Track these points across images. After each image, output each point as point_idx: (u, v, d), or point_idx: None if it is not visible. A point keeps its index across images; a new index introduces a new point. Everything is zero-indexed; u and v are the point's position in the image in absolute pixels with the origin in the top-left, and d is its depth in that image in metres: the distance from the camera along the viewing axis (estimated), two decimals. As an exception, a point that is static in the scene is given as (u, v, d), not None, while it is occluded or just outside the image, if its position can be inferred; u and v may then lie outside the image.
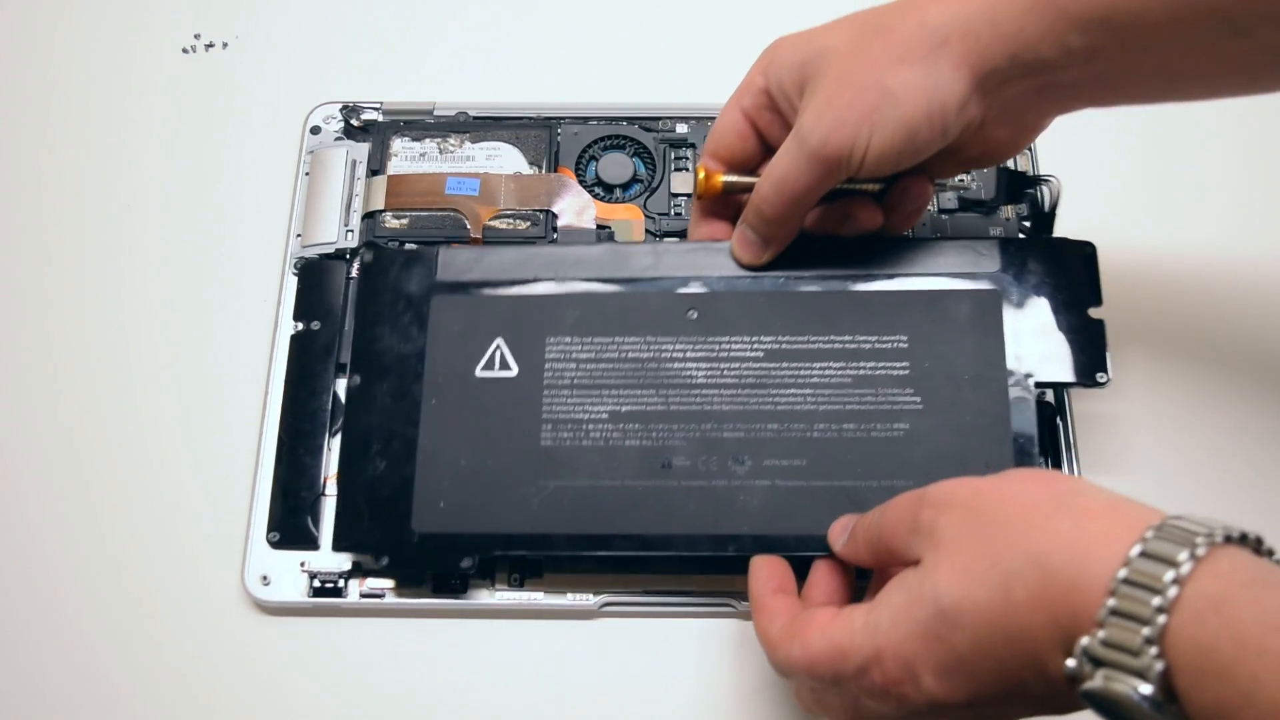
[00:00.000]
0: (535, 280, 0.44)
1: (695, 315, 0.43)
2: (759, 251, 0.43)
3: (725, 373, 0.42)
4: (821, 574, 0.39)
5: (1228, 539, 0.28)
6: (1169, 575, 0.27)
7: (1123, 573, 0.27)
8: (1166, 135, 0.52)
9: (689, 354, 0.43)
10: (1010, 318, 0.43)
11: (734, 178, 0.43)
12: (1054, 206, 0.46)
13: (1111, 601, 0.27)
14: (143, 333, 0.49)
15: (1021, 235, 0.48)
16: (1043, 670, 0.29)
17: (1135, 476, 0.46)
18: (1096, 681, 0.27)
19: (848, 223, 0.43)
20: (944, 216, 0.49)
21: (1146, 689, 0.27)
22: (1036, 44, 0.37)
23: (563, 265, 0.44)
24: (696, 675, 0.43)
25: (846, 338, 0.43)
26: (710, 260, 0.44)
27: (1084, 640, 0.28)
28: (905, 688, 0.31)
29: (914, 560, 0.33)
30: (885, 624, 0.32)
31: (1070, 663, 0.28)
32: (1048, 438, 0.44)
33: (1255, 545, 0.28)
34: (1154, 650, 0.27)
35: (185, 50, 0.56)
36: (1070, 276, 0.43)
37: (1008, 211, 0.49)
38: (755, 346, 0.43)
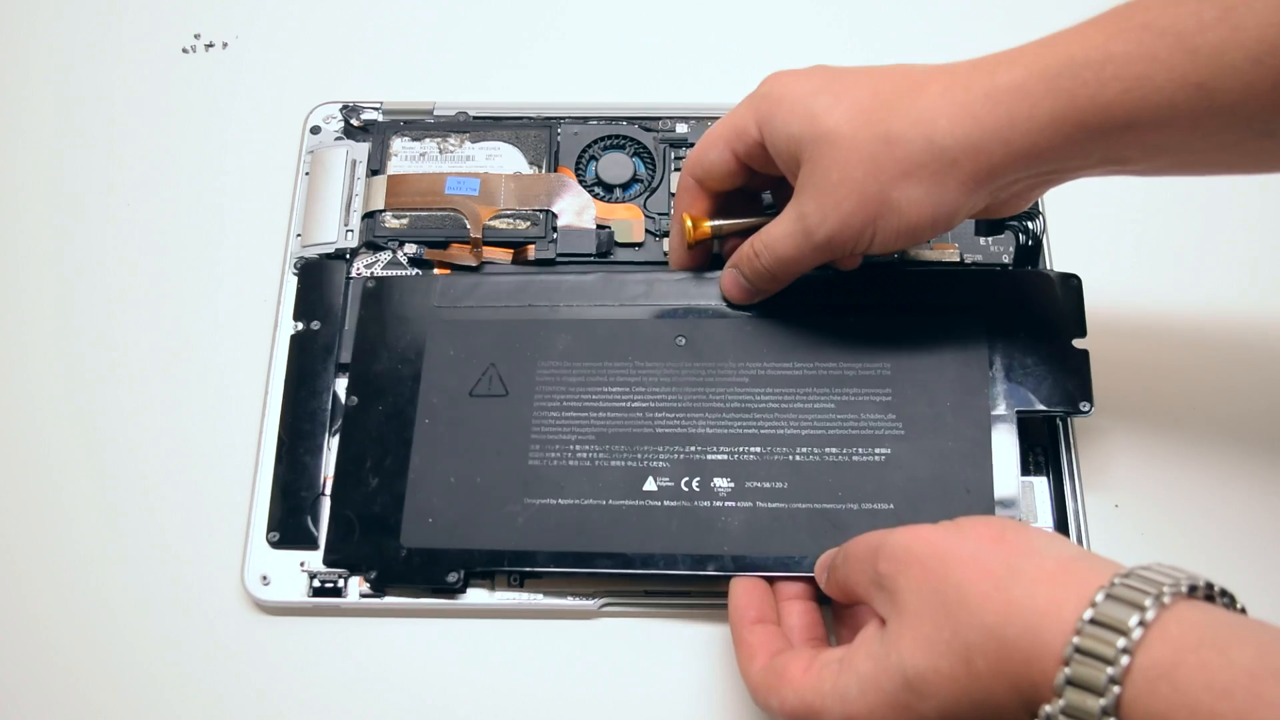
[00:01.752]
0: (529, 307, 0.46)
1: (683, 341, 0.45)
2: (749, 297, 0.44)
3: (710, 397, 0.44)
4: (796, 611, 0.40)
5: (1176, 594, 0.28)
6: (1120, 643, 0.27)
7: (1076, 640, 0.28)
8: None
9: (676, 379, 0.44)
10: (994, 347, 0.43)
11: (720, 222, 0.44)
12: (1038, 239, 0.46)
13: (1067, 671, 0.28)
14: (143, 332, 0.49)
15: (1008, 266, 0.48)
16: None
17: (1132, 500, 0.46)
18: None
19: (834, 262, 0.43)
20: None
21: None
22: (1053, 155, 0.36)
23: (557, 293, 0.46)
24: (696, 675, 0.43)
25: (830, 364, 0.44)
26: (700, 289, 0.46)
27: (1045, 709, 0.28)
28: None
29: (878, 615, 0.33)
30: (854, 693, 0.32)
31: None
32: (1050, 463, 0.44)
33: (1207, 591, 0.29)
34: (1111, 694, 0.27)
35: (185, 50, 0.56)
36: (1055, 307, 0.44)
37: (985, 241, 0.49)
38: (740, 372, 0.44)
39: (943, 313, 0.44)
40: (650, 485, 0.43)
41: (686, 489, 0.42)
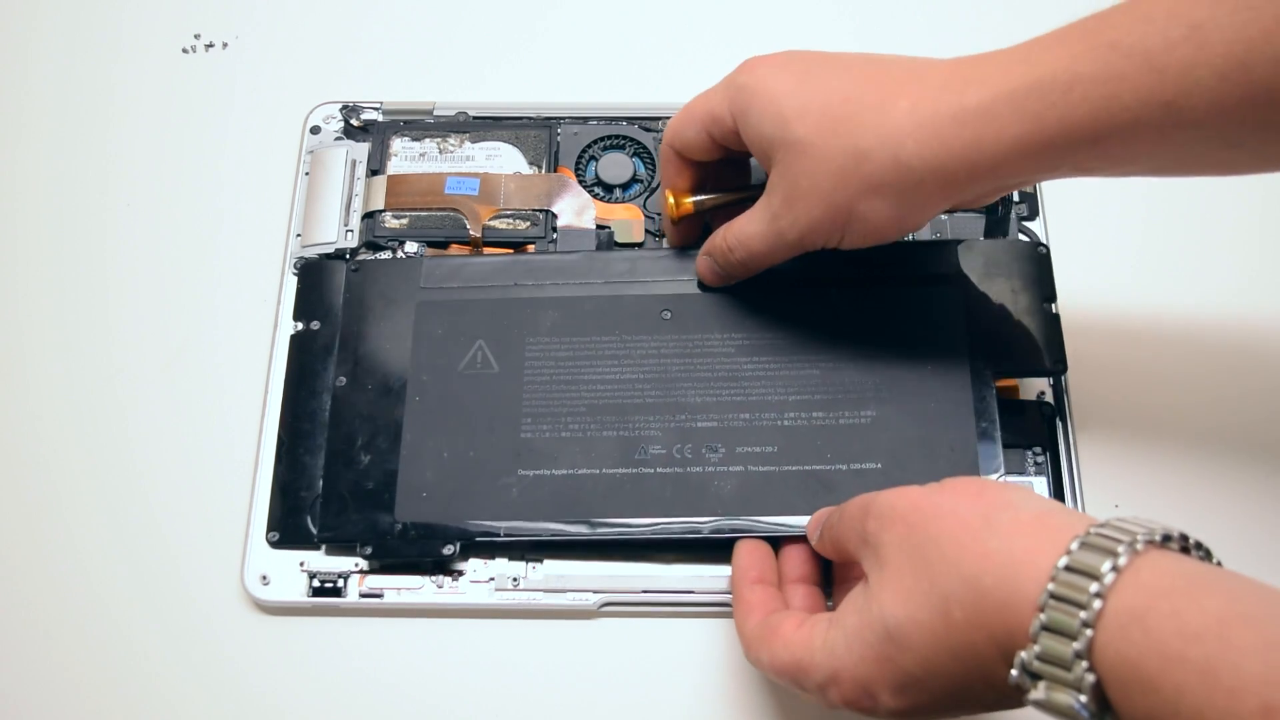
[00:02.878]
0: (515, 286, 0.46)
1: (669, 315, 0.46)
2: (722, 282, 0.45)
3: (698, 367, 0.45)
4: (793, 555, 0.41)
5: (1150, 542, 0.28)
6: (1093, 588, 0.27)
7: (1050, 586, 0.28)
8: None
9: (663, 351, 0.45)
10: (970, 313, 0.45)
11: (701, 198, 0.45)
12: (1008, 210, 0.48)
13: (1041, 617, 0.28)
14: (142, 332, 0.49)
15: (981, 237, 0.49)
16: (990, 680, 0.30)
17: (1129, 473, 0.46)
18: (1040, 693, 0.28)
19: None
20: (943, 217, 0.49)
21: (1083, 698, 0.27)
22: (1018, 171, 0.37)
23: (542, 272, 0.47)
24: (696, 675, 0.43)
25: (813, 334, 0.45)
26: (683, 266, 0.46)
27: (1021, 655, 0.29)
28: (864, 704, 0.33)
29: (867, 573, 0.34)
30: (840, 647, 0.33)
31: (1013, 674, 0.29)
32: (1050, 463, 0.45)
33: (1182, 543, 0.29)
34: (1084, 664, 0.27)
35: (185, 50, 0.56)
36: (1026, 275, 0.46)
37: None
38: (727, 342, 0.45)
39: (920, 283, 0.46)
40: (642, 454, 0.43)
41: (679, 455, 0.43)
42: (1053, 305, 0.45)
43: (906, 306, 0.45)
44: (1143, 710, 0.26)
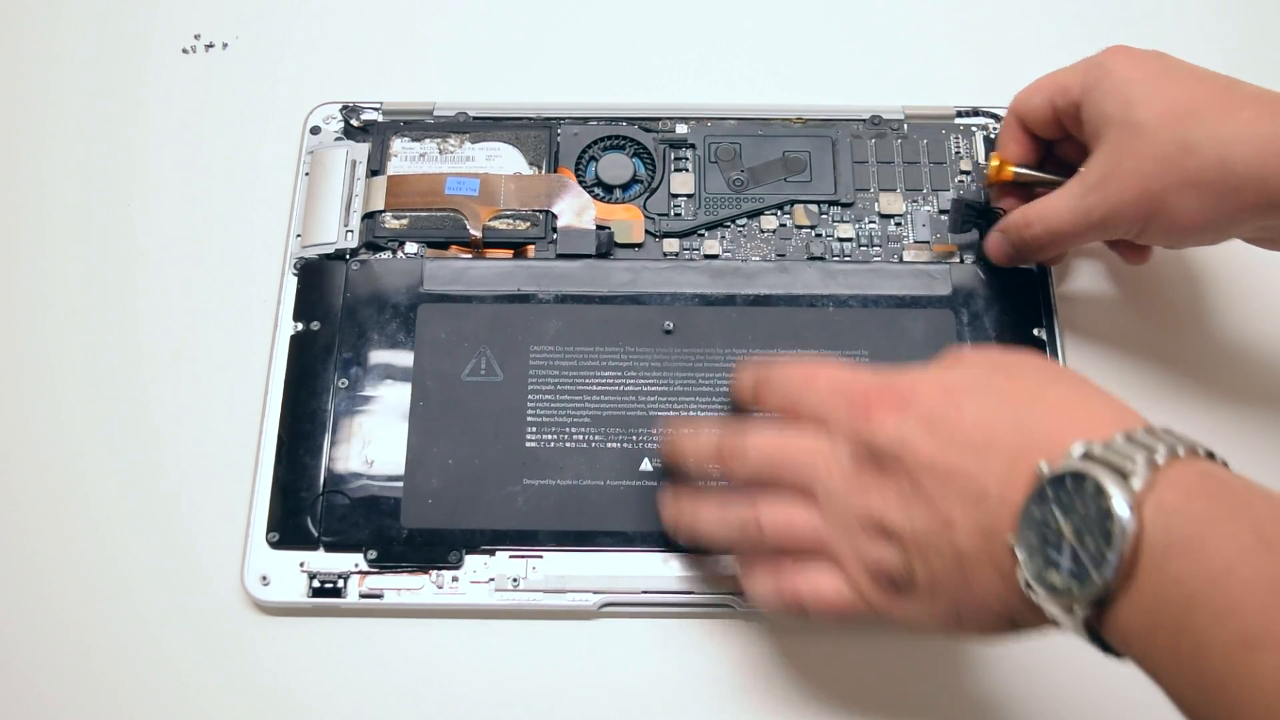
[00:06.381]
0: (518, 292, 0.47)
1: (671, 326, 0.46)
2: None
3: (700, 382, 0.46)
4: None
5: (1210, 455, 0.30)
6: (1161, 449, 0.29)
7: (1120, 436, 0.30)
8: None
9: (666, 364, 0.46)
10: (960, 333, 0.46)
11: (1023, 170, 0.46)
12: None
13: (1120, 436, 0.30)
14: (143, 332, 0.49)
15: (973, 261, 0.49)
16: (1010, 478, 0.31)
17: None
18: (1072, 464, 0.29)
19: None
20: (943, 217, 0.50)
21: (1127, 492, 0.28)
22: None
23: (545, 279, 0.47)
24: (696, 675, 0.43)
25: (812, 351, 0.46)
26: (684, 278, 0.47)
27: (1087, 444, 0.30)
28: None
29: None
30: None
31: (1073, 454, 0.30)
32: None
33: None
34: (1144, 467, 0.28)
35: (185, 50, 0.56)
36: (1015, 299, 0.47)
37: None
38: (728, 358, 0.46)
39: (914, 304, 0.47)
40: (646, 466, 0.44)
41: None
42: (1041, 331, 0.47)
43: (901, 326, 0.46)
44: (1171, 579, 0.27)
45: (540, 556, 0.44)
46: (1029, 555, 0.30)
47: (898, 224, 0.50)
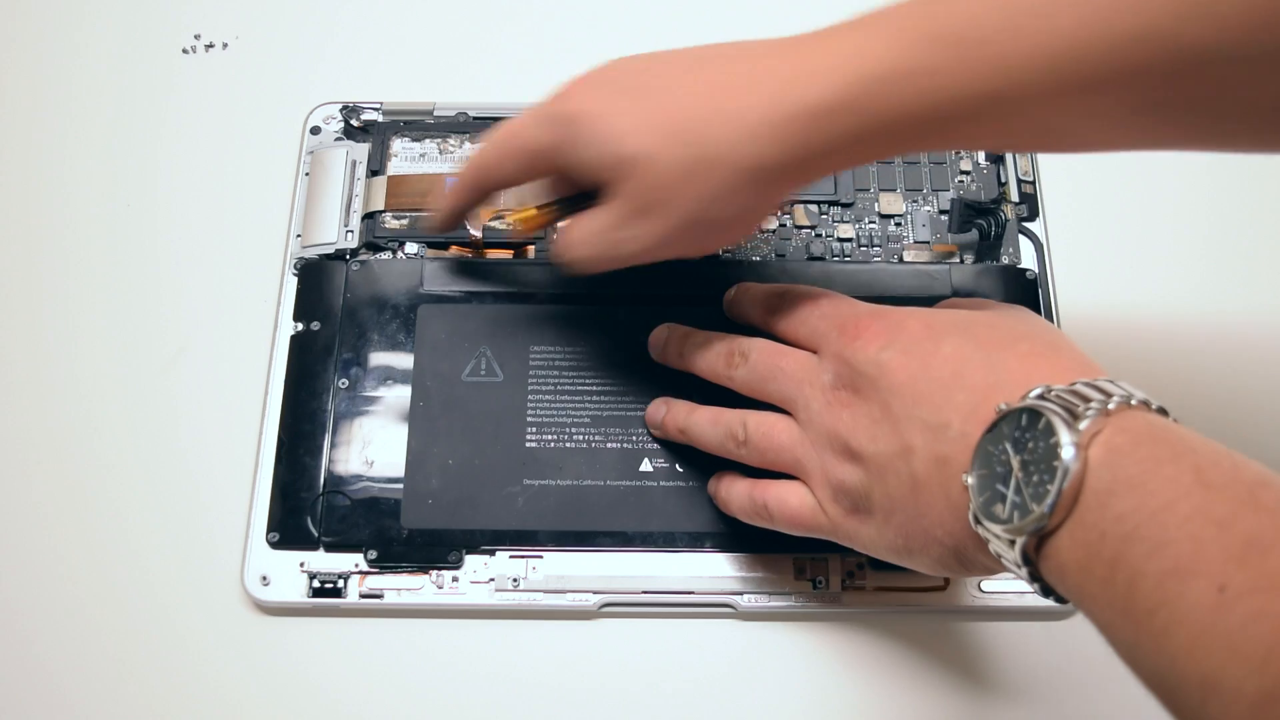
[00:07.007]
0: (518, 292, 0.47)
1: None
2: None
3: (701, 381, 0.44)
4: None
5: (1163, 411, 0.30)
6: (1116, 397, 0.30)
7: (1081, 383, 0.30)
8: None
9: (664, 365, 0.45)
10: None
11: (546, 206, 0.42)
12: (1000, 235, 0.48)
13: (1080, 383, 0.30)
14: (142, 333, 0.49)
15: (972, 261, 0.49)
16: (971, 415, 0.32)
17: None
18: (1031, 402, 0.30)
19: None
20: (943, 217, 0.50)
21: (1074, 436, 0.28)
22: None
23: (545, 279, 0.47)
24: (696, 675, 0.43)
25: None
26: (685, 278, 0.47)
27: (1047, 386, 0.30)
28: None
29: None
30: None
31: (1003, 405, 0.31)
32: None
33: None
34: (1095, 411, 0.29)
35: (185, 51, 0.56)
36: (1015, 299, 0.47)
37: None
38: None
39: (914, 304, 0.45)
40: (646, 466, 0.44)
41: (681, 470, 0.44)
42: None
43: None
44: (1113, 515, 0.27)
45: (540, 557, 0.44)
46: (979, 488, 0.31)
47: (898, 224, 0.50)
